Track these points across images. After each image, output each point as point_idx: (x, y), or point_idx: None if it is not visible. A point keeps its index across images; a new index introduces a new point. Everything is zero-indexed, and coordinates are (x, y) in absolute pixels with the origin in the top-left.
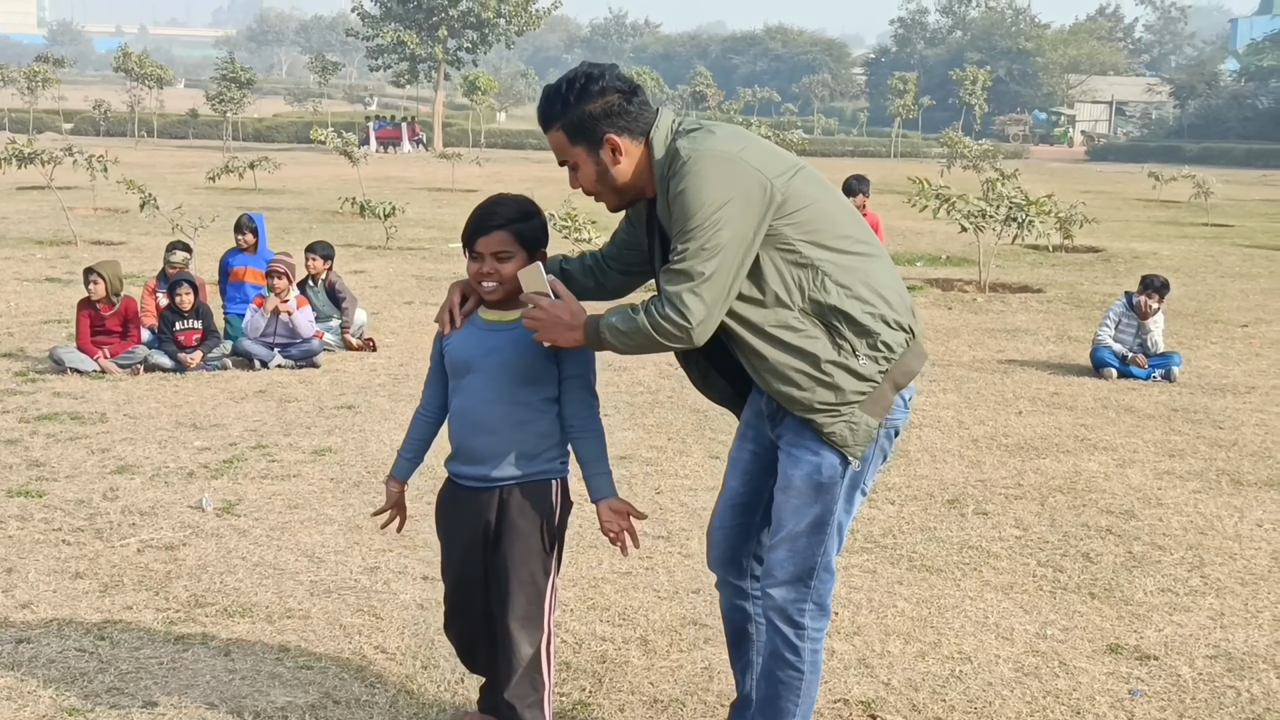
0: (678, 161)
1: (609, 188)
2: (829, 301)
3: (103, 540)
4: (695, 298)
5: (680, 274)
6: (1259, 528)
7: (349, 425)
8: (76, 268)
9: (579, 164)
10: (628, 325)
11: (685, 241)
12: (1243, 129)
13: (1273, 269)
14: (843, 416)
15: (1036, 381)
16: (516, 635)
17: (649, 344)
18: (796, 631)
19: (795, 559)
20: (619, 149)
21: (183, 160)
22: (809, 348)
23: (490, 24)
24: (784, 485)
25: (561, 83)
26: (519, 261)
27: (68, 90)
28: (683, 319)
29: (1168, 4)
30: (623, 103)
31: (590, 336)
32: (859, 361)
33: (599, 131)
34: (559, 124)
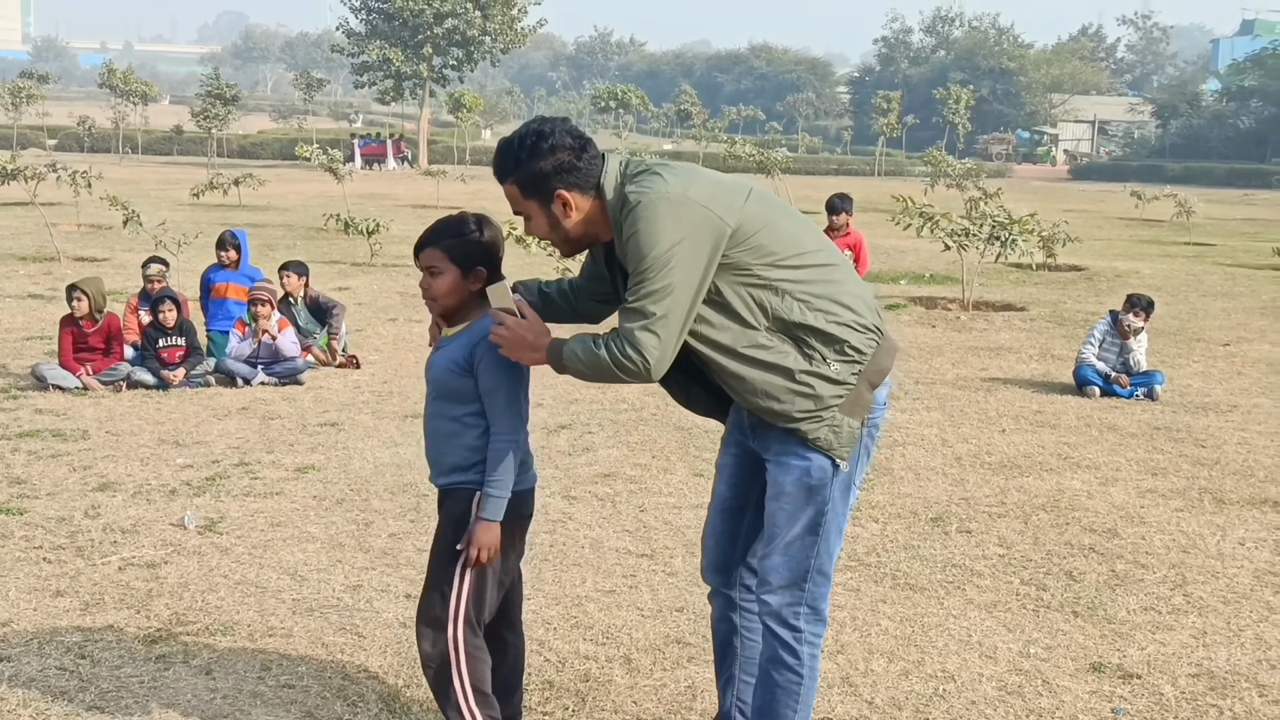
0: (627, 206)
1: (561, 238)
2: (793, 318)
3: (84, 558)
4: (651, 335)
5: (636, 313)
6: (1241, 546)
7: (332, 442)
8: (60, 284)
9: (532, 216)
10: (589, 356)
11: (639, 283)
12: (1224, 149)
13: (1254, 288)
14: (825, 421)
15: (1020, 400)
16: (419, 631)
17: (608, 376)
18: (794, 635)
19: (789, 564)
20: (569, 204)
21: (167, 177)
22: (781, 362)
23: (476, 42)
24: (775, 493)
25: (515, 138)
26: (451, 278)
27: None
28: (640, 357)
29: (1150, 24)
30: (573, 159)
31: (553, 359)
32: (831, 368)
33: (550, 187)
34: (512, 178)
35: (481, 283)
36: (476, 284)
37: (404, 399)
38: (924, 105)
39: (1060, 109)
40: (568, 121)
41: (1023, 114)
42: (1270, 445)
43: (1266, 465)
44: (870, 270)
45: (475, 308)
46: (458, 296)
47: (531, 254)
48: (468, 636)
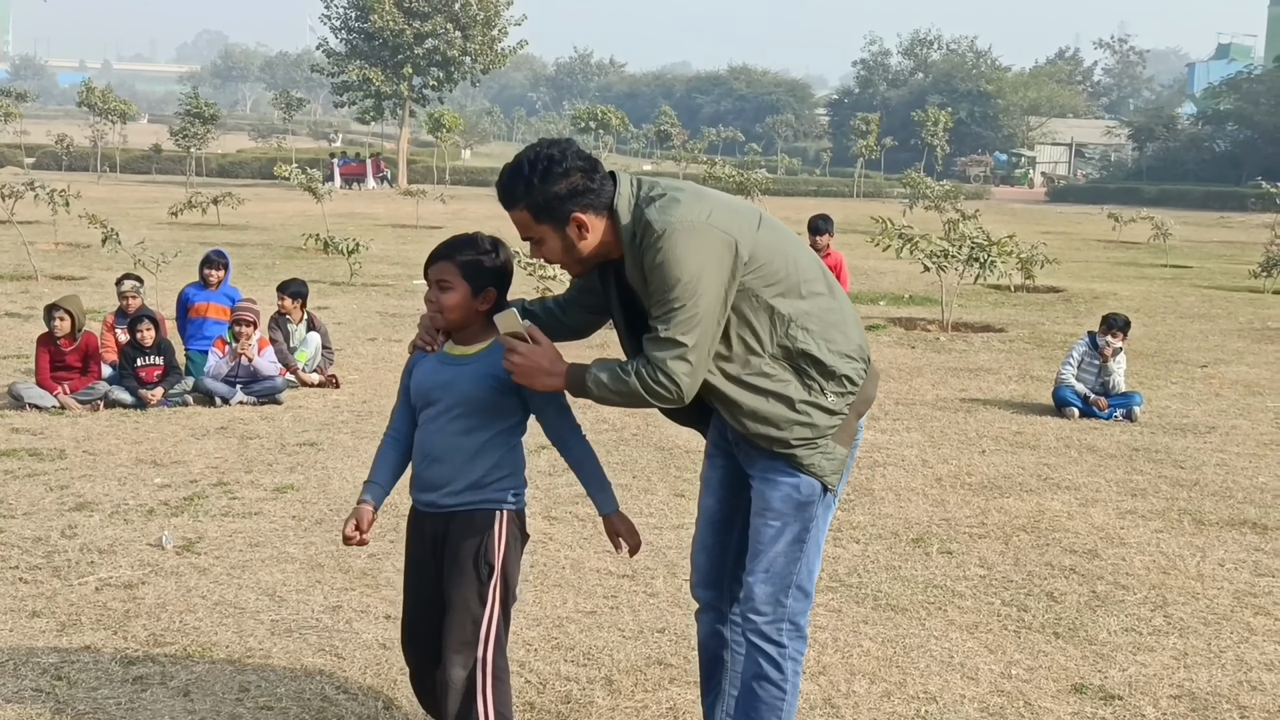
0: (650, 234)
1: (574, 260)
2: (797, 347)
3: (60, 578)
4: (683, 363)
5: (667, 342)
6: (1221, 567)
7: (311, 462)
8: (37, 303)
9: (544, 239)
10: (617, 383)
11: (667, 311)
12: (1200, 171)
13: (1231, 310)
14: (819, 448)
15: (999, 420)
16: (449, 658)
17: (637, 401)
18: (779, 650)
19: (772, 580)
20: (585, 226)
21: (145, 195)
22: (783, 391)
23: (456, 62)
24: (761, 509)
25: (524, 163)
26: (460, 294)
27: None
28: (675, 384)
29: (1126, 48)
30: (586, 181)
31: (574, 384)
32: (828, 399)
33: (565, 211)
34: (523, 203)
35: (490, 304)
36: (485, 305)
37: (383, 419)
38: (902, 127)
39: (1038, 131)
40: (573, 143)
41: (1000, 136)
42: (1248, 466)
43: (1245, 486)
44: (850, 291)
45: (483, 327)
46: (463, 313)
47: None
48: (496, 658)
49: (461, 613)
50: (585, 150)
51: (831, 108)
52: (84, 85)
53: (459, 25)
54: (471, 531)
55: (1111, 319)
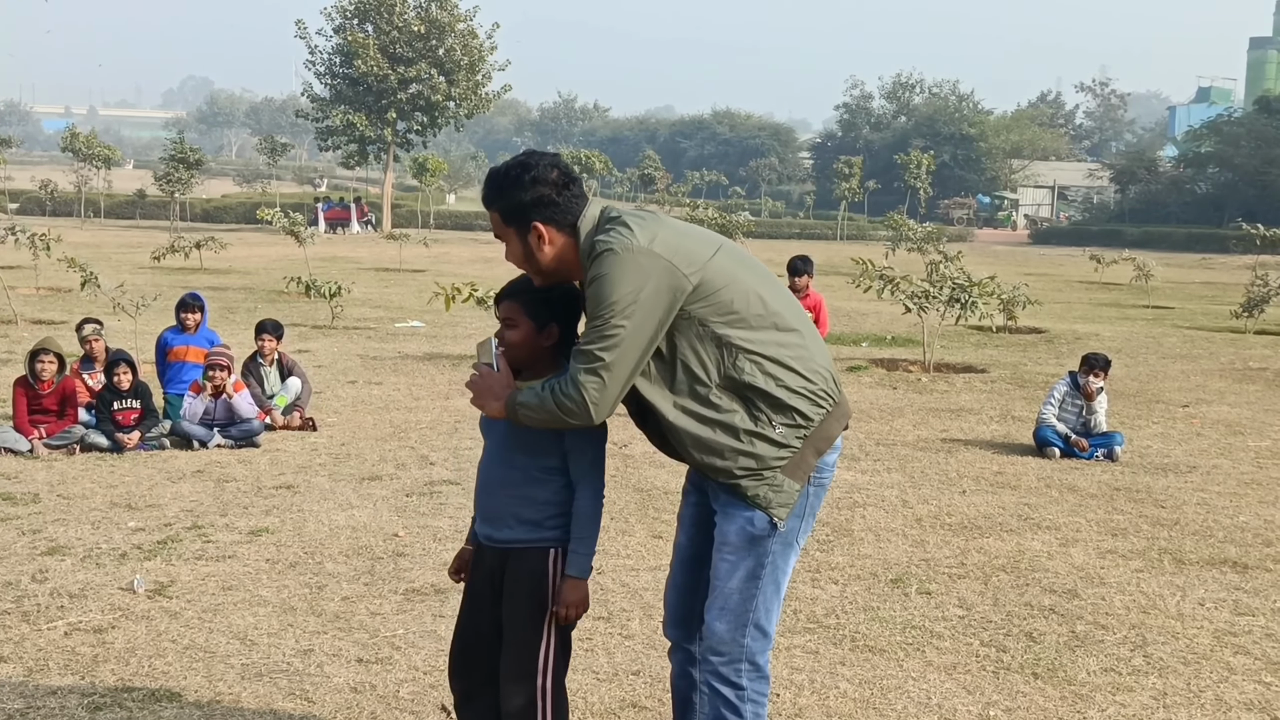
0: (594, 252)
1: (534, 269)
2: (743, 379)
3: (29, 623)
4: (595, 379)
5: (584, 355)
6: (1201, 607)
7: (287, 505)
8: (16, 347)
9: (509, 242)
10: (534, 399)
11: (594, 327)
12: (1182, 213)
13: (1213, 350)
14: (765, 480)
15: (980, 461)
16: (507, 690)
17: (553, 419)
18: (736, 693)
19: (727, 616)
20: (544, 236)
21: (128, 240)
22: (728, 420)
23: (440, 107)
24: (719, 542)
25: (503, 167)
26: (524, 331)
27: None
28: (581, 398)
29: (1107, 92)
30: (552, 195)
31: (509, 409)
32: (776, 431)
33: (528, 218)
34: (496, 205)
35: (554, 340)
36: (548, 340)
37: (361, 461)
38: (885, 170)
39: (1020, 174)
40: (559, 158)
41: (983, 179)
42: (1229, 505)
43: (1226, 525)
44: (832, 332)
45: (550, 363)
46: (529, 350)
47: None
48: (555, 688)
49: (518, 648)
50: (569, 168)
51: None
52: (68, 131)
53: (443, 70)
54: (525, 570)
55: (1092, 358)
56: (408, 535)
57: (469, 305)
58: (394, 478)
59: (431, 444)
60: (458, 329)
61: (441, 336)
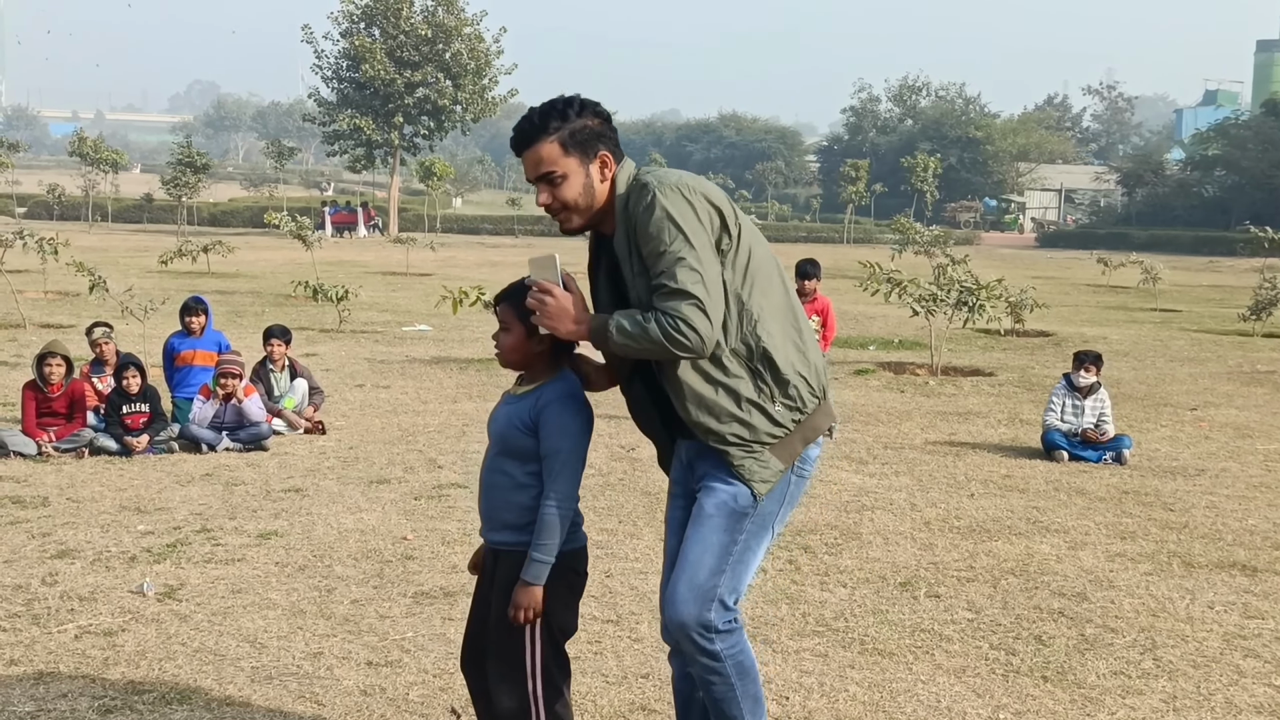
0: (645, 191)
1: (586, 205)
2: (760, 346)
3: (39, 626)
4: (698, 312)
5: (680, 294)
6: (1210, 610)
7: (295, 508)
8: (25, 350)
9: (568, 175)
10: (637, 330)
11: (672, 265)
12: (1189, 216)
13: (1220, 353)
14: (753, 454)
15: (988, 464)
16: (494, 689)
17: (658, 350)
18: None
19: (692, 586)
20: (608, 165)
21: (136, 244)
22: (733, 385)
23: (446, 111)
24: (696, 515)
25: (559, 101)
26: (517, 335)
27: (22, 174)
28: (694, 332)
29: (1114, 95)
30: (608, 131)
31: (597, 332)
32: (774, 407)
33: (595, 147)
34: (554, 136)
35: (546, 346)
36: (539, 346)
37: (369, 465)
38: (892, 173)
39: (1027, 177)
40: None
41: (990, 182)
42: (1238, 508)
43: (1234, 528)
44: (839, 336)
45: (544, 369)
46: (521, 354)
47: None
48: (548, 691)
49: (503, 650)
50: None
51: (821, 154)
52: (76, 135)
53: (450, 74)
54: (509, 573)
55: (1081, 355)
56: (416, 538)
57: (476, 309)
58: (402, 481)
59: (439, 447)
60: (465, 332)
61: (448, 340)
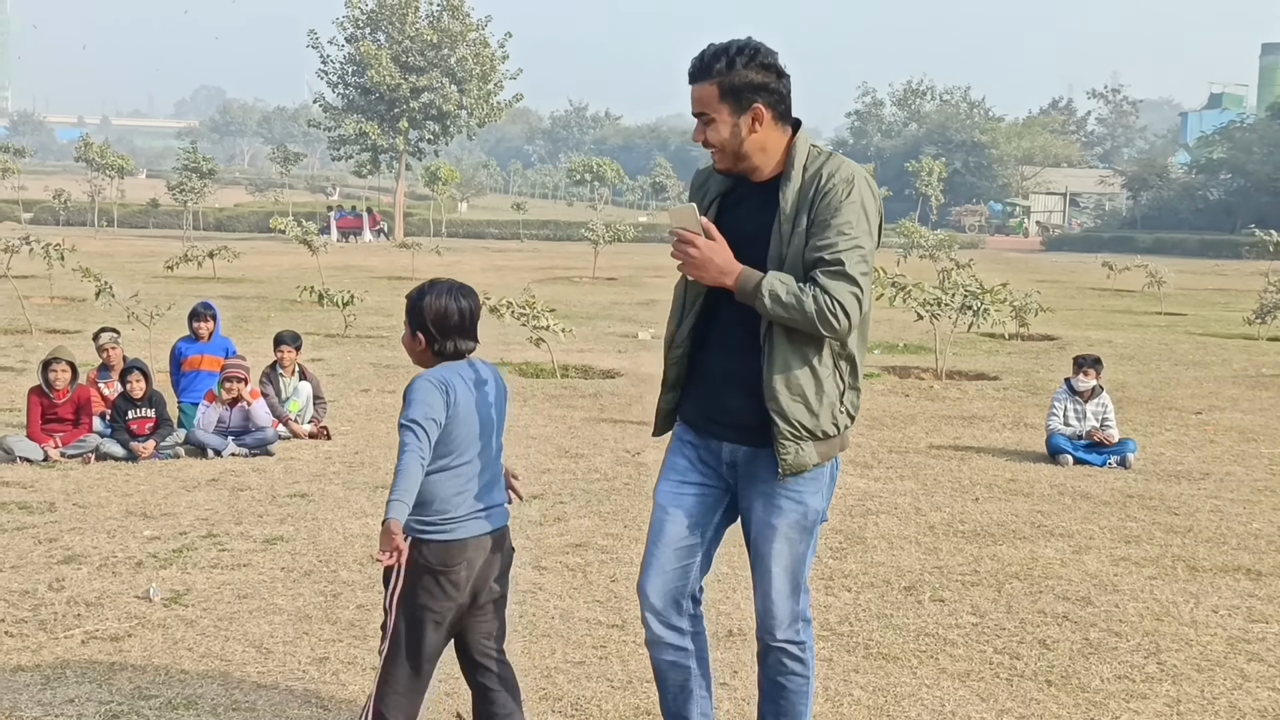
0: (848, 170)
1: (733, 149)
2: (850, 350)
3: (46, 631)
4: (855, 301)
5: (849, 278)
6: (1215, 614)
7: (301, 514)
8: (31, 356)
9: (718, 120)
10: (790, 299)
11: (849, 248)
12: (1195, 220)
13: (1225, 357)
14: (800, 440)
15: (993, 468)
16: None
17: (805, 322)
18: (800, 648)
19: (785, 597)
20: (760, 119)
21: (142, 249)
22: (821, 374)
23: (452, 116)
24: (770, 533)
25: (733, 45)
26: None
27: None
28: (846, 317)
29: (1119, 98)
30: (777, 84)
31: (745, 286)
32: (840, 409)
33: (750, 99)
34: (714, 80)
35: (422, 346)
36: (418, 346)
37: (375, 469)
38: (897, 177)
39: (1032, 181)
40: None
41: (995, 186)
42: (1243, 512)
43: (1239, 533)
44: None
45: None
46: (412, 352)
47: (505, 324)
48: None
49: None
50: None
51: None
52: (82, 140)
53: (455, 80)
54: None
55: (1081, 359)
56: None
57: (482, 314)
58: None
59: None
60: None
61: None
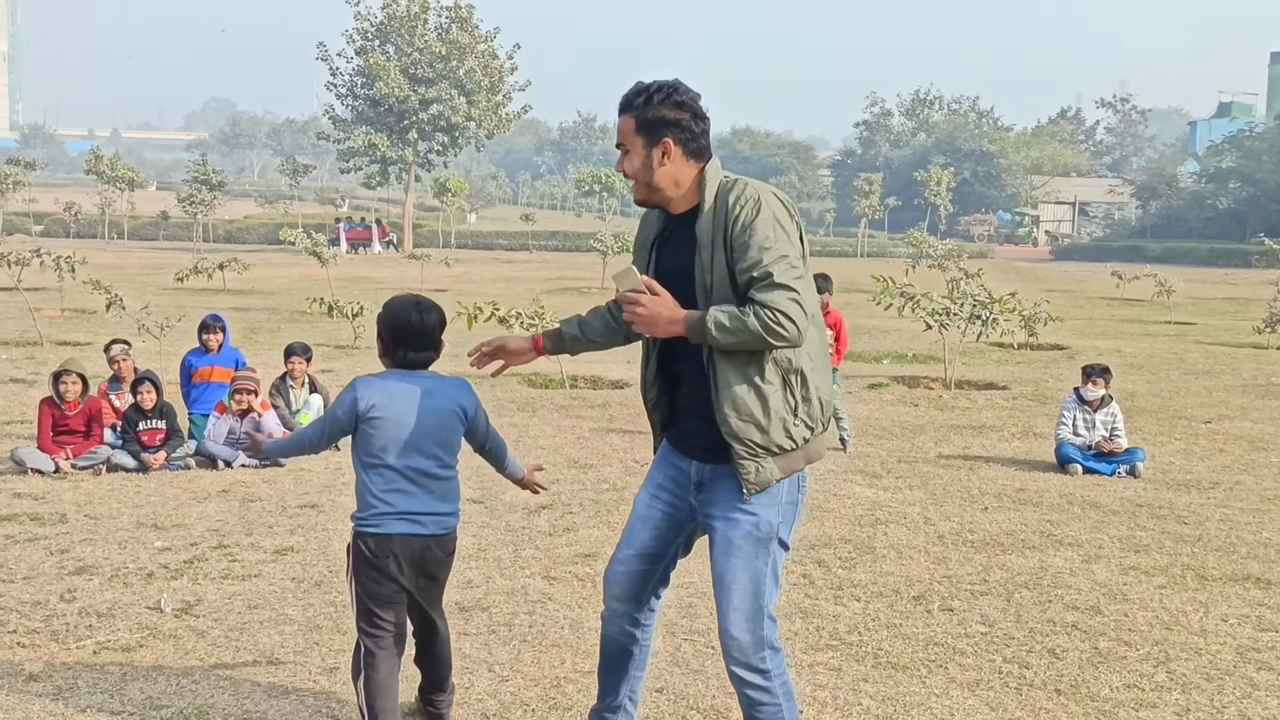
0: (750, 190)
1: (645, 181)
2: (797, 363)
3: (58, 642)
4: (796, 307)
5: (781, 287)
6: (1224, 623)
7: (312, 524)
8: (42, 368)
9: (632, 151)
10: (735, 324)
11: (774, 260)
12: (1204, 229)
13: (1235, 366)
14: (756, 459)
15: (1002, 477)
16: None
17: (756, 340)
18: (763, 676)
19: (743, 615)
20: (669, 153)
21: (152, 261)
22: (765, 391)
23: (460, 127)
24: (725, 547)
25: (654, 83)
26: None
27: (38, 193)
28: (792, 323)
29: (1128, 107)
30: (690, 123)
31: (694, 328)
32: (794, 421)
33: (661, 134)
34: (633, 113)
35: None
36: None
37: None
38: (906, 187)
39: (1041, 190)
40: (700, 96)
41: (1004, 195)
42: (1252, 521)
43: (1249, 542)
44: (852, 350)
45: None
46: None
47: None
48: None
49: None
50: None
51: (834, 168)
52: (92, 153)
53: (464, 91)
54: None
55: (1089, 368)
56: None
57: (491, 324)
58: None
59: None
60: None
61: (463, 356)
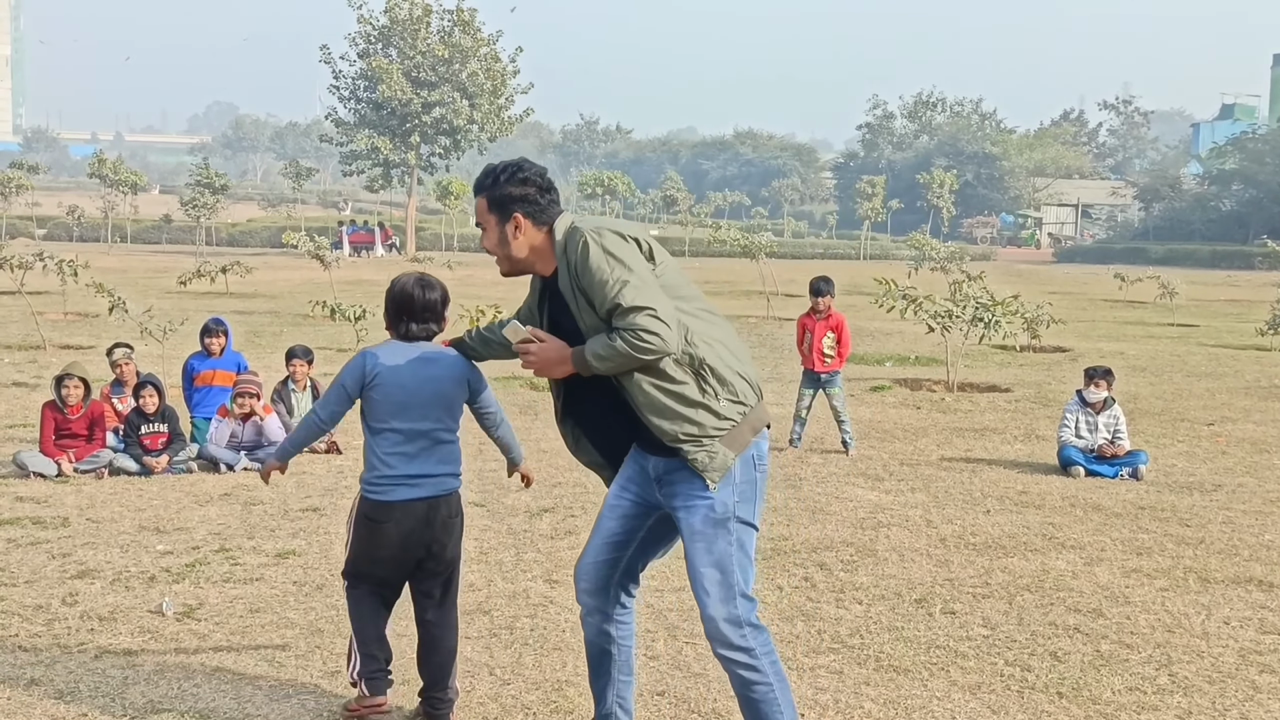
0: (578, 236)
1: (504, 254)
2: (697, 354)
3: (60, 646)
4: (655, 320)
5: (632, 310)
6: (1226, 625)
7: (313, 528)
8: (45, 372)
9: (488, 229)
10: (608, 351)
11: (617, 290)
12: (1207, 231)
13: (1238, 368)
14: (704, 447)
15: (1004, 480)
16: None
17: (630, 361)
18: (749, 654)
19: (719, 598)
20: (520, 227)
21: (155, 265)
22: (679, 390)
23: (463, 130)
24: (688, 534)
25: (499, 165)
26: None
27: (41, 196)
28: (655, 337)
29: (1131, 109)
30: (536, 196)
31: (579, 363)
32: (720, 404)
33: (510, 210)
34: (485, 194)
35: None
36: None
37: None
38: (908, 190)
39: (1044, 193)
40: (544, 170)
41: (1006, 198)
42: (1255, 524)
43: (1251, 544)
44: (854, 352)
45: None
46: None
47: None
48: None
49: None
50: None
51: (837, 171)
52: (95, 157)
53: (466, 94)
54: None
55: (1091, 370)
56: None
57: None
58: None
59: None
60: None
61: None
